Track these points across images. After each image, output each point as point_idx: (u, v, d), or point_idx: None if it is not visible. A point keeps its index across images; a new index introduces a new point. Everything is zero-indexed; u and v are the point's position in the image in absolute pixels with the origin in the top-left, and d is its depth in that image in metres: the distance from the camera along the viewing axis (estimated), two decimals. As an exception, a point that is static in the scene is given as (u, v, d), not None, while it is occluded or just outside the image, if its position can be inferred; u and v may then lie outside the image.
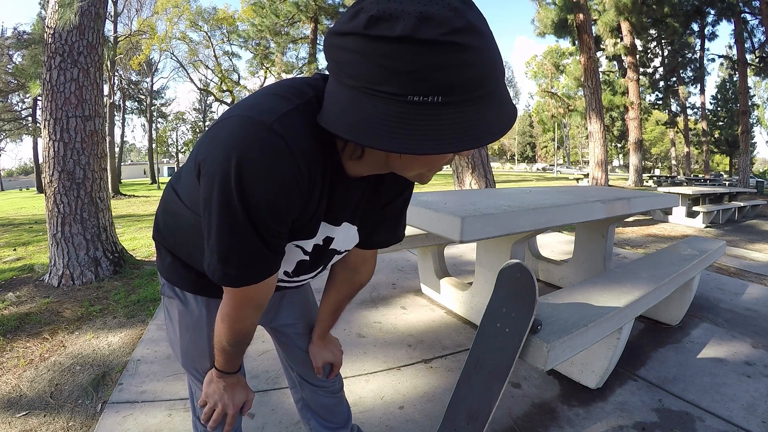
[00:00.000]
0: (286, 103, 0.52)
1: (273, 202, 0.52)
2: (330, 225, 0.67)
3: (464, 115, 0.41)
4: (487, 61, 0.41)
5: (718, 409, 1.53)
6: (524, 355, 1.17)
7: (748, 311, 2.54)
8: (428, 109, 0.40)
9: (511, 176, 29.65)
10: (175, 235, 0.75)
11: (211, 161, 0.52)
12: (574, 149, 53.37)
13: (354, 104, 0.43)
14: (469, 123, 0.41)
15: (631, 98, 16.42)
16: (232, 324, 0.68)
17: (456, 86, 0.40)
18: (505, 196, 2.30)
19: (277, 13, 17.97)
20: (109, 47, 10.58)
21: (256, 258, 0.57)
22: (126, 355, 1.97)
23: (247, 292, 0.62)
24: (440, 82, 0.39)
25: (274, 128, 0.49)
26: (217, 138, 0.52)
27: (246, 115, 0.51)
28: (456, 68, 0.39)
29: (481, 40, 0.40)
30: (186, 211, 0.68)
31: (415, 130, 0.40)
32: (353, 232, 0.73)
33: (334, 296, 0.94)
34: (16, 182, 44.73)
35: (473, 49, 0.40)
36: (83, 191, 3.05)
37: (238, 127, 0.50)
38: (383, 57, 0.39)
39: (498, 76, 0.43)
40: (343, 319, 2.32)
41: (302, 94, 0.54)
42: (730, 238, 5.26)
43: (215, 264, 0.57)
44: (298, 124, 0.51)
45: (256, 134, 0.49)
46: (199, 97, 37.97)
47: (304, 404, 1.05)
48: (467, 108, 0.41)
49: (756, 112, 25.45)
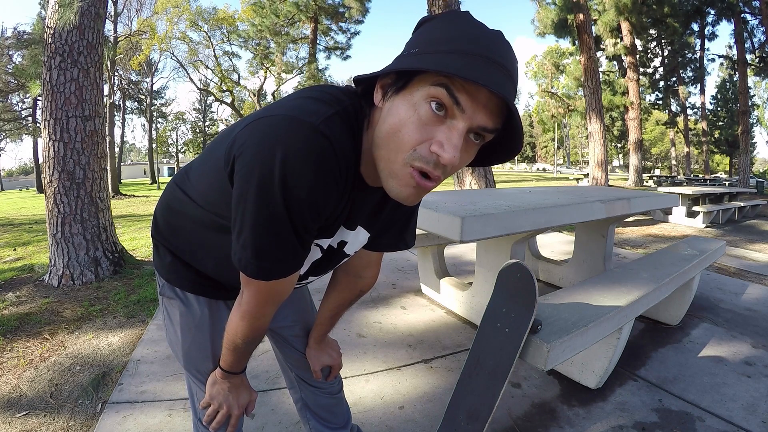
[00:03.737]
0: (328, 108, 0.54)
1: (314, 199, 0.54)
2: (346, 229, 0.69)
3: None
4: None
5: (718, 409, 1.53)
6: (524, 355, 1.17)
7: (748, 311, 2.54)
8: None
9: (511, 176, 29.65)
10: (178, 234, 0.75)
11: (251, 156, 0.52)
12: (574, 149, 53.37)
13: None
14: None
15: (631, 98, 16.41)
16: (253, 321, 0.68)
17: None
18: (505, 196, 2.30)
19: (277, 13, 17.97)
20: (109, 47, 10.56)
21: (289, 253, 0.58)
22: (126, 355, 1.97)
23: (273, 288, 0.63)
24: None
25: (321, 129, 0.51)
26: (258, 134, 0.53)
27: (291, 115, 0.52)
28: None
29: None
30: (195, 209, 0.68)
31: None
32: (363, 236, 0.75)
33: (334, 301, 0.93)
34: (16, 182, 44.71)
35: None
36: (83, 191, 3.05)
37: (284, 126, 0.51)
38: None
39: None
40: (343, 319, 2.31)
41: (340, 101, 0.56)
42: (730, 238, 5.26)
43: (248, 258, 0.57)
44: (339, 128, 0.54)
45: (303, 133, 0.51)
46: (199, 97, 37.94)
47: (303, 404, 1.05)
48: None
49: (756, 112, 25.42)
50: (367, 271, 0.89)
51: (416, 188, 0.53)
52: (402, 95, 0.51)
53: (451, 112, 0.49)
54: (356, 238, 0.73)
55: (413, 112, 0.50)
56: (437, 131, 0.50)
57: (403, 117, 0.50)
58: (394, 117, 0.51)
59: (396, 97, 0.52)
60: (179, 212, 0.72)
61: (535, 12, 14.06)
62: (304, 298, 1.02)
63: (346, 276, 0.90)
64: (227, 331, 0.71)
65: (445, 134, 0.49)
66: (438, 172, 0.52)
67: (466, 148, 0.52)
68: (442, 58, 0.48)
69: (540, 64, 30.38)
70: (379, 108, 0.55)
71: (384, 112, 0.53)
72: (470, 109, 0.48)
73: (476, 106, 0.48)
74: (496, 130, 0.52)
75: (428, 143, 0.50)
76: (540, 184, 17.60)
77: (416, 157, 0.51)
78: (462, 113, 0.48)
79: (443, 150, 0.49)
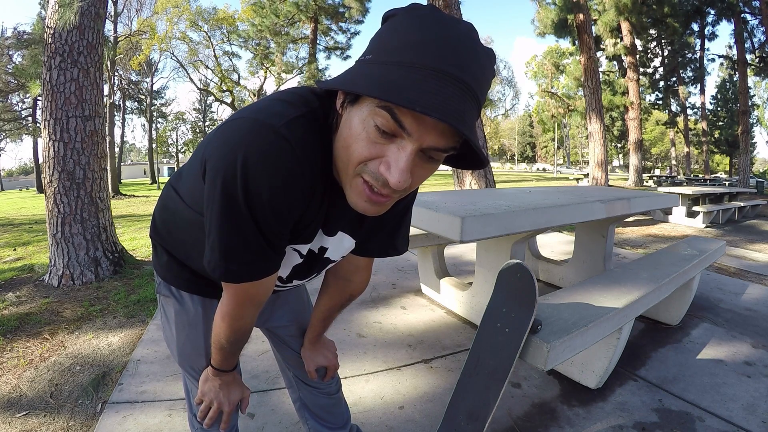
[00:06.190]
0: (293, 110, 0.54)
1: (276, 202, 0.53)
2: (325, 235, 0.69)
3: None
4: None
5: (718, 409, 1.53)
6: (524, 355, 1.17)
7: (748, 311, 2.54)
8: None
9: (511, 176, 29.64)
10: (173, 234, 0.76)
11: (216, 159, 0.53)
12: (574, 149, 53.35)
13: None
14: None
15: (631, 98, 16.40)
16: (232, 322, 0.68)
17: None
18: (505, 196, 2.30)
19: (277, 13, 17.97)
20: (109, 47, 10.57)
21: (257, 255, 0.58)
22: (126, 355, 1.97)
23: (248, 290, 0.63)
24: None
25: (281, 132, 0.51)
26: (223, 137, 0.54)
27: (254, 117, 0.52)
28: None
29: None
30: (186, 210, 0.69)
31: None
32: (348, 242, 0.74)
33: (325, 304, 0.93)
34: (16, 182, 44.67)
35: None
36: (83, 191, 3.05)
37: (246, 129, 0.52)
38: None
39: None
40: (343, 319, 2.32)
41: (308, 102, 0.56)
42: (730, 238, 5.26)
43: (216, 260, 0.58)
44: (304, 130, 0.53)
45: (264, 136, 0.51)
46: (199, 97, 37.96)
47: (301, 404, 1.05)
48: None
49: (756, 112, 25.44)
50: (357, 276, 0.87)
51: (369, 201, 0.52)
52: (356, 107, 0.49)
53: (399, 134, 0.46)
54: (339, 244, 0.72)
55: (362, 129, 0.48)
56: (386, 150, 0.48)
57: (354, 131, 0.49)
58: (347, 129, 0.50)
59: (352, 108, 0.50)
60: (174, 213, 0.73)
61: (535, 12, 14.07)
62: (301, 298, 1.02)
63: (336, 280, 0.89)
64: (213, 331, 0.72)
65: (394, 155, 0.47)
66: (387, 191, 0.50)
67: (421, 165, 0.50)
68: (388, 72, 0.45)
69: (540, 64, 30.35)
70: (340, 114, 0.53)
71: (342, 122, 0.52)
72: (417, 132, 0.45)
73: (424, 128, 0.45)
74: (453, 148, 0.49)
75: (378, 161, 0.49)
76: (540, 184, 17.60)
77: (366, 171, 0.50)
78: (409, 136, 0.46)
79: (389, 173, 0.47)
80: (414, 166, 0.49)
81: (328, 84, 0.50)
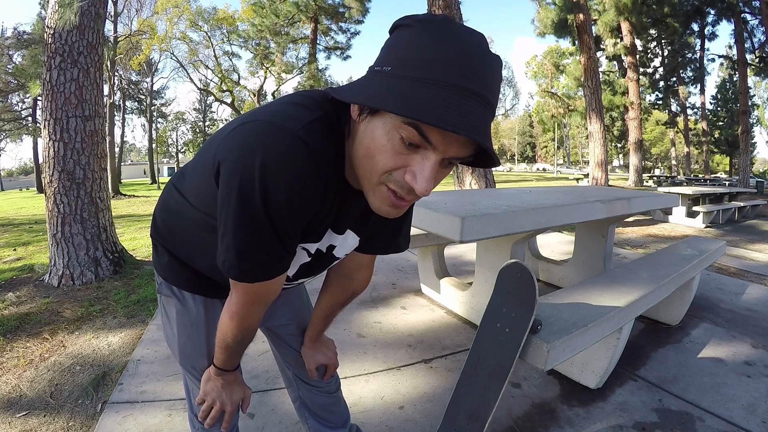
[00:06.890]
0: (309, 113, 0.55)
1: (292, 204, 0.54)
2: (334, 233, 0.70)
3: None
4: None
5: (718, 409, 1.53)
6: (524, 355, 1.17)
7: (748, 311, 2.54)
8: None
9: (511, 176, 29.65)
10: (175, 234, 0.76)
11: (233, 161, 0.53)
12: (574, 149, 53.35)
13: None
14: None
15: (631, 98, 16.40)
16: (241, 321, 0.69)
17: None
18: (505, 196, 2.30)
19: (277, 13, 17.97)
20: (109, 47, 10.58)
21: (271, 255, 0.59)
22: (126, 355, 1.97)
23: (259, 290, 0.64)
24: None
25: (299, 135, 0.52)
26: (240, 140, 0.54)
27: (271, 120, 0.53)
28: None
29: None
30: (190, 210, 0.69)
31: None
32: (353, 240, 0.75)
33: (327, 302, 0.94)
34: (16, 182, 44.69)
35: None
36: (83, 191, 3.05)
37: (264, 132, 0.52)
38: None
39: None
40: (343, 319, 2.32)
41: (322, 106, 0.57)
42: (730, 238, 5.26)
43: (231, 260, 0.58)
44: (320, 134, 0.54)
45: (282, 139, 0.52)
46: (199, 97, 37.94)
47: (301, 403, 1.05)
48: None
49: (756, 112, 25.40)
50: (359, 273, 0.89)
51: (392, 206, 0.55)
52: (378, 118, 0.50)
53: (423, 145, 0.49)
54: (345, 242, 0.74)
55: (386, 141, 0.50)
56: (411, 160, 0.50)
57: (378, 143, 0.50)
58: (369, 140, 0.51)
59: (372, 118, 0.51)
60: (176, 212, 0.73)
61: (535, 12, 14.04)
62: (301, 297, 1.03)
63: (339, 277, 0.90)
64: (218, 330, 0.72)
65: (419, 165, 0.50)
66: (411, 197, 0.53)
67: (440, 171, 0.53)
68: (413, 90, 0.46)
69: (540, 64, 30.33)
70: (357, 122, 0.55)
71: (360, 131, 0.53)
72: (442, 145, 0.48)
73: (448, 141, 0.48)
74: (470, 156, 0.52)
75: (402, 171, 0.51)
76: (540, 184, 17.60)
77: (391, 180, 0.52)
78: (434, 149, 0.49)
79: (416, 182, 0.50)
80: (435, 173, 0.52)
81: (354, 98, 0.51)
